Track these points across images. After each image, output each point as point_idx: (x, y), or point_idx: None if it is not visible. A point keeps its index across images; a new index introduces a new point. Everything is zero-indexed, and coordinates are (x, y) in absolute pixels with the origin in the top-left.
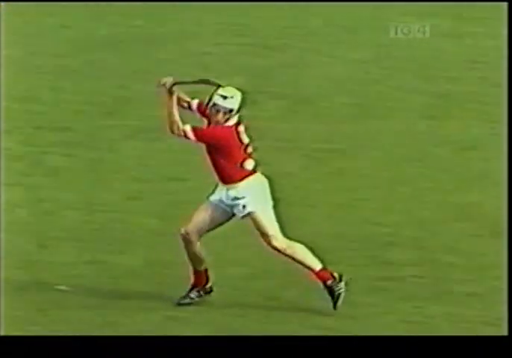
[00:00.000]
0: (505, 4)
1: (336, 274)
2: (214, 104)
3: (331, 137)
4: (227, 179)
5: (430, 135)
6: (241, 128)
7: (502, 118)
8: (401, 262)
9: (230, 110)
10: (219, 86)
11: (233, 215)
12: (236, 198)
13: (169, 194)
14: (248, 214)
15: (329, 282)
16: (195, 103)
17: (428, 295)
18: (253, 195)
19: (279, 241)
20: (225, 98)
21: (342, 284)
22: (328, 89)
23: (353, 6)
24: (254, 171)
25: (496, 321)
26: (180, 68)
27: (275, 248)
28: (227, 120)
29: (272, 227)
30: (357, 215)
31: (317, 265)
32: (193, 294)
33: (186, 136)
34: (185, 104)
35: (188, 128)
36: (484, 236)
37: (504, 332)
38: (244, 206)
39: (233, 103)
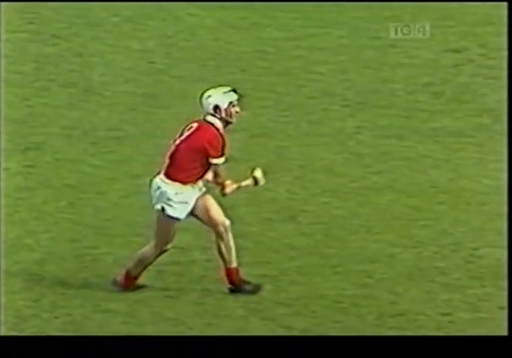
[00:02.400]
0: (505, 4)
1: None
2: (230, 103)
3: (117, 125)
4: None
5: None
6: None
7: (291, 106)
8: (191, 247)
9: (237, 100)
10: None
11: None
12: None
13: None
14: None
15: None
16: None
17: (219, 277)
18: None
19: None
20: (234, 91)
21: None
22: (112, 78)
23: None
24: None
25: (287, 302)
26: None
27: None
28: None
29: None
30: (143, 202)
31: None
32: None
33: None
34: None
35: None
36: (275, 221)
37: (504, 332)
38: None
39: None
